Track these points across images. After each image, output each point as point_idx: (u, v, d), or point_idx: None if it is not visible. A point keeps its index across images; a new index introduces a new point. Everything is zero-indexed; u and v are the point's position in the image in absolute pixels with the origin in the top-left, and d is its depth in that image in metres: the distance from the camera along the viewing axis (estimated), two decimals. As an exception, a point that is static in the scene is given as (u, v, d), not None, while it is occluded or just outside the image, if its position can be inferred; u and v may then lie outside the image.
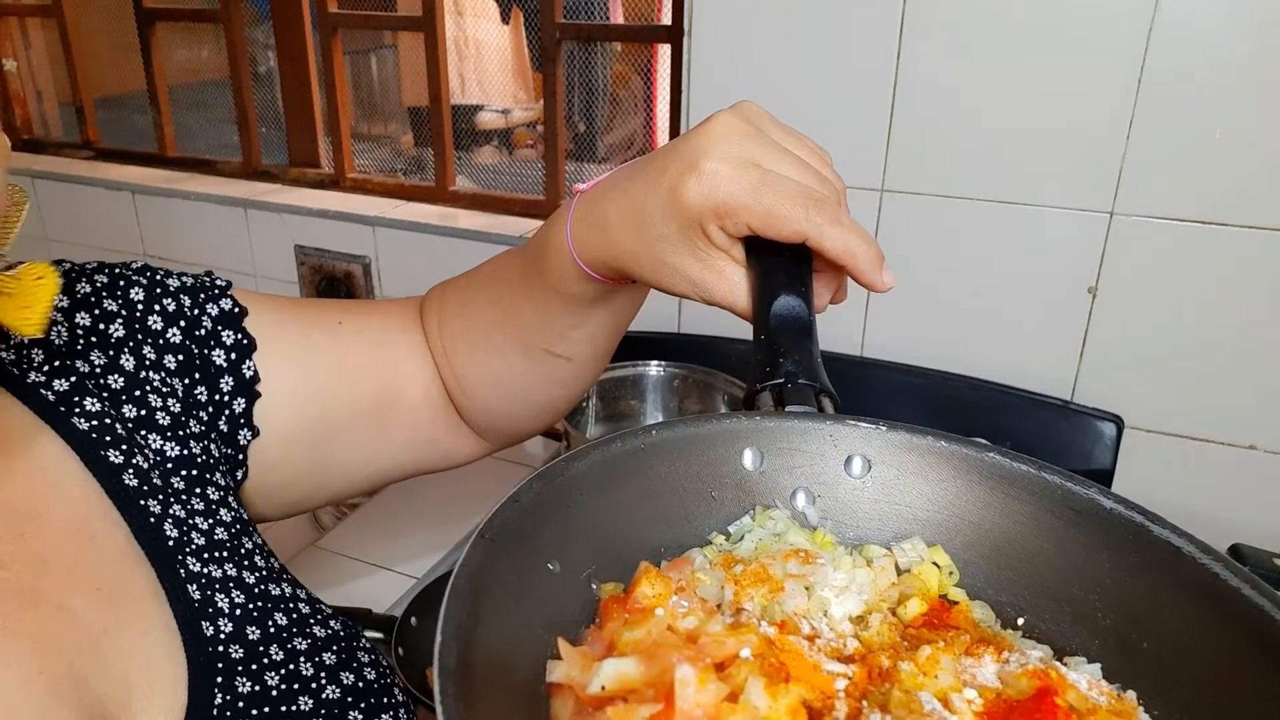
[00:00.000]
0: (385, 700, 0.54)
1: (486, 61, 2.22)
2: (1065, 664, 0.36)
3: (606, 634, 0.34)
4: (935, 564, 0.41)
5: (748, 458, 0.42)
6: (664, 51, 1.57)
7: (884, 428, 0.42)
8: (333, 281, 1.65)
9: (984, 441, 0.41)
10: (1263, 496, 1.10)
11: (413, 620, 0.95)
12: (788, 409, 0.42)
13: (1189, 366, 1.08)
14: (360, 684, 0.53)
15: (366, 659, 0.55)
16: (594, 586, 0.37)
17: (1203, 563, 0.34)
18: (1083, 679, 0.34)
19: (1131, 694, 0.35)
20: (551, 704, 0.32)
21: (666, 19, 1.35)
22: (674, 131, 1.31)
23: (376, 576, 1.14)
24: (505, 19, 2.24)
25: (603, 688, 0.30)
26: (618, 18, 1.82)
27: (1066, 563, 0.38)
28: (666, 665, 0.30)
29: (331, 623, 0.55)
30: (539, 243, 0.58)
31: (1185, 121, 1.01)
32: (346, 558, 1.18)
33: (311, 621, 0.53)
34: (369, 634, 0.95)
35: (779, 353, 0.44)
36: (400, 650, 0.91)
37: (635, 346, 1.28)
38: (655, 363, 1.26)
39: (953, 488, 0.41)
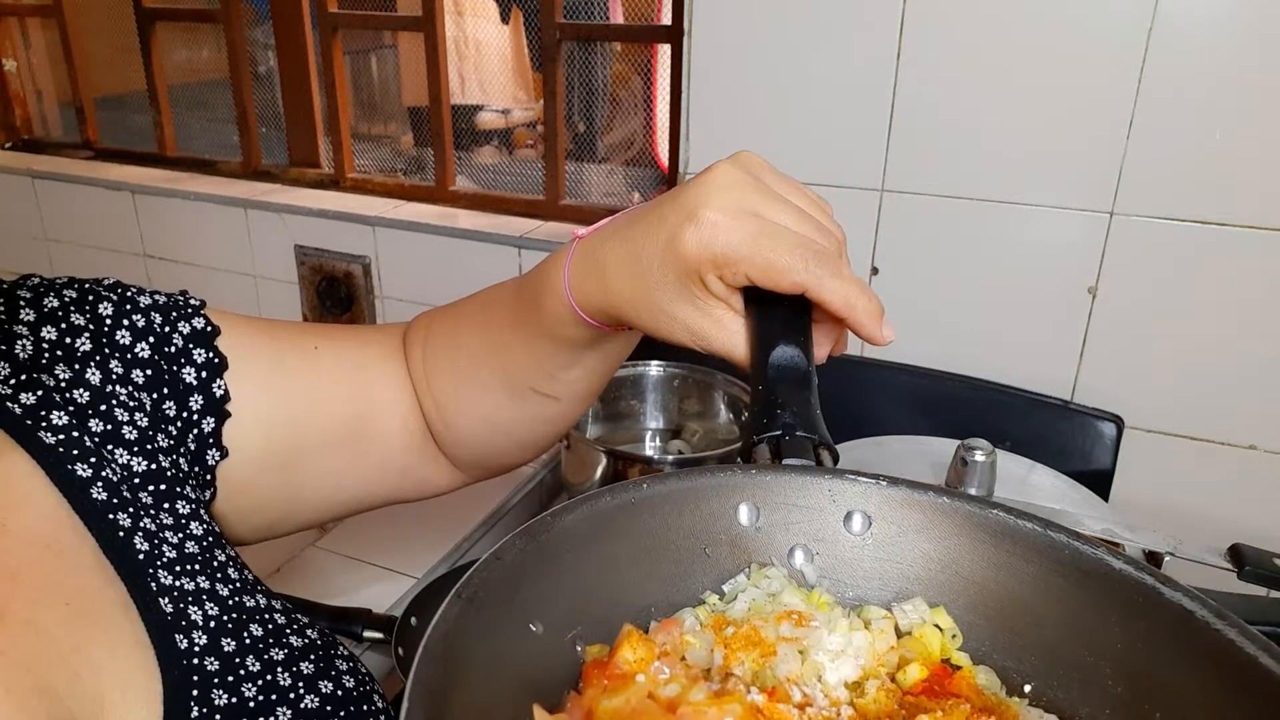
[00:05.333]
0: (365, 708, 0.53)
1: (486, 61, 2.22)
2: None
3: (586, 701, 0.33)
4: (937, 626, 0.39)
5: (743, 513, 0.41)
6: (664, 51, 1.57)
7: (884, 483, 0.41)
8: (333, 281, 1.65)
9: (991, 498, 0.40)
10: (1263, 496, 1.10)
11: (413, 620, 0.95)
12: (785, 462, 0.41)
13: (1189, 366, 1.08)
14: (339, 692, 0.52)
15: (345, 666, 0.54)
16: (579, 649, 0.35)
17: (1217, 629, 0.33)
18: None
19: None
20: None
21: (666, 19, 1.35)
22: (674, 131, 1.31)
23: (376, 576, 1.14)
24: (505, 19, 2.24)
25: None
26: (618, 18, 1.82)
27: (1075, 626, 0.37)
28: None
29: (309, 632, 0.54)
30: (533, 284, 0.57)
31: (1185, 122, 1.01)
32: (346, 558, 1.18)
33: (288, 631, 0.53)
34: (368, 634, 0.95)
35: (776, 404, 0.43)
36: (400, 650, 0.91)
37: (636, 346, 1.28)
38: (655, 363, 1.26)
39: (955, 545, 0.40)
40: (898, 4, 1.09)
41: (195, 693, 0.46)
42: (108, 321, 0.54)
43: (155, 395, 0.54)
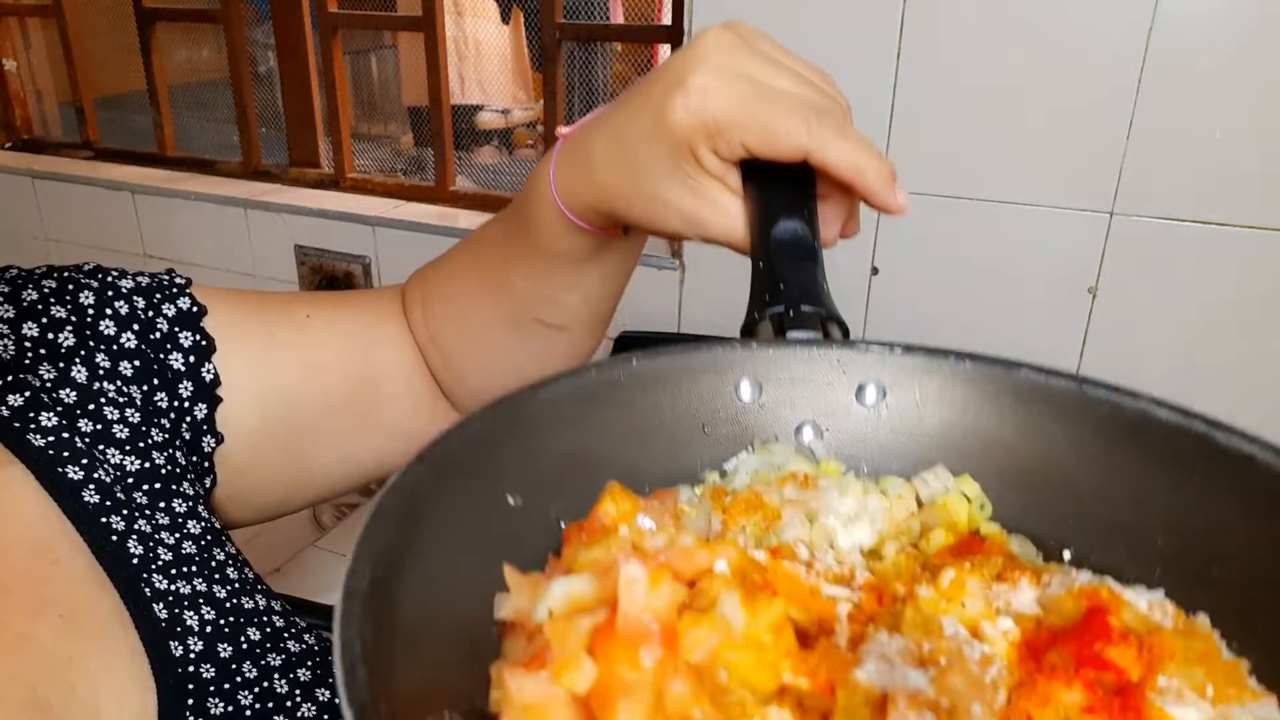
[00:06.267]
0: None
1: (486, 61, 2.22)
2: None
3: (564, 561, 0.30)
4: (964, 495, 0.36)
5: (745, 389, 0.37)
6: (664, 51, 1.57)
7: (899, 351, 0.37)
8: (333, 281, 1.66)
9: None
10: (1263, 496, 1.10)
11: (413, 620, 0.95)
12: (790, 335, 0.38)
13: (1189, 367, 1.08)
14: (338, 699, 0.50)
15: None
16: (562, 524, 0.32)
17: None
18: (1142, 599, 0.29)
19: (1204, 618, 0.30)
20: (503, 646, 0.27)
21: (666, 19, 1.34)
22: (674, 131, 1.31)
23: (376, 576, 1.14)
24: (505, 19, 2.24)
25: (550, 612, 0.26)
26: (618, 18, 1.82)
27: (1117, 486, 0.33)
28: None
29: (306, 636, 0.52)
30: (522, 199, 0.54)
31: (1185, 121, 1.01)
32: (347, 557, 1.18)
33: (285, 636, 0.51)
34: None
35: (780, 279, 0.39)
36: (400, 650, 0.91)
37: (635, 347, 1.28)
38: (655, 363, 1.26)
39: (981, 412, 0.36)
40: (898, 4, 1.09)
41: (191, 702, 0.45)
42: (90, 312, 0.52)
43: (145, 388, 0.52)
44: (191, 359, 0.54)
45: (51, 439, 0.47)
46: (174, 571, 0.48)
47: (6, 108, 2.12)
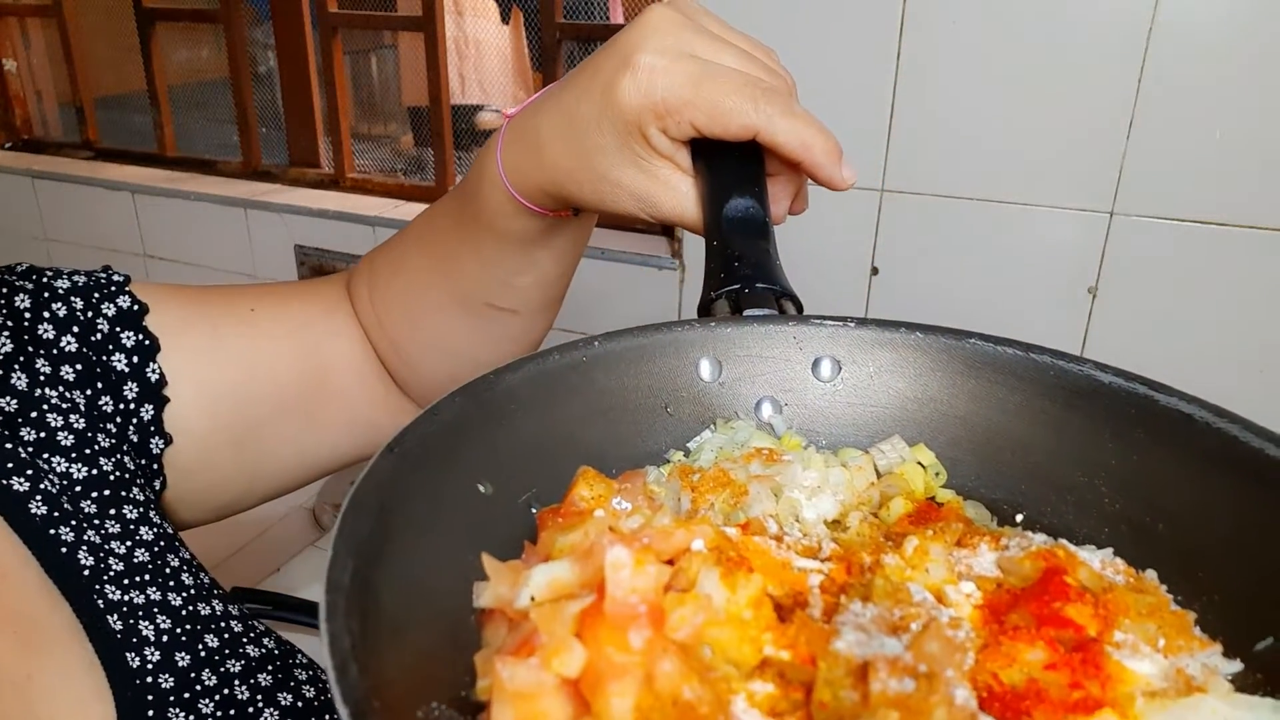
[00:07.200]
0: (327, 718, 0.51)
1: (486, 61, 2.22)
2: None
3: (542, 547, 0.30)
4: (920, 464, 0.37)
5: (704, 368, 0.38)
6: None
7: (852, 324, 0.39)
8: (333, 281, 1.66)
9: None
10: (1263, 496, 1.09)
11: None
12: (746, 313, 0.39)
13: (1189, 366, 1.08)
14: (299, 703, 0.50)
15: (304, 676, 0.52)
16: (534, 511, 0.33)
17: (1218, 427, 0.31)
18: (1095, 558, 0.30)
19: (1152, 573, 0.31)
20: (483, 634, 0.27)
21: (666, 19, 1.34)
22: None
23: (376, 576, 1.13)
24: (505, 19, 2.24)
25: (532, 599, 0.26)
26: (618, 18, 1.82)
27: (1065, 449, 0.35)
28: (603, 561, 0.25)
29: (265, 640, 0.51)
30: (471, 179, 0.53)
31: (1185, 121, 1.01)
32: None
33: (244, 640, 0.50)
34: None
35: (734, 257, 0.41)
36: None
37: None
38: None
39: (933, 382, 0.38)
40: (898, 4, 1.09)
41: (151, 713, 0.44)
42: (27, 316, 0.51)
43: (89, 392, 0.51)
44: (135, 359, 0.53)
45: None
46: (127, 581, 0.47)
47: (6, 108, 2.12)
